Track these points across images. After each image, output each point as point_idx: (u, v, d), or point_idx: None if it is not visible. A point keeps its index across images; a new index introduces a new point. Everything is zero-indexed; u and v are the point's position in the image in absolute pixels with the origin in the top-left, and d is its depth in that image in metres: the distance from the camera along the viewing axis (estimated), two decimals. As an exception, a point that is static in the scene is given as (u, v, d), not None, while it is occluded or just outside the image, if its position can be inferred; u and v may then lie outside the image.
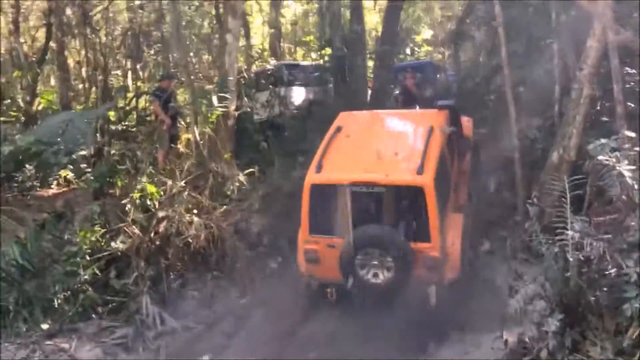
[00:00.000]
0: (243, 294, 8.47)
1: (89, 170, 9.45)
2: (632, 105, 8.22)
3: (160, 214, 8.50)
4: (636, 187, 4.79)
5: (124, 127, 13.48)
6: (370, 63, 16.89)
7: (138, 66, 15.42)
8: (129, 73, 15.79)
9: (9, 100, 13.98)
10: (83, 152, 9.99)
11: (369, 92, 15.30)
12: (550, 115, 9.26)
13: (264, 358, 7.01)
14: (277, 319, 7.95)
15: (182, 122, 10.97)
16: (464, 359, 6.44)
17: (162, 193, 8.92)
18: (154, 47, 15.31)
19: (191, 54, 12.05)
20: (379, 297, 6.95)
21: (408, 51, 20.28)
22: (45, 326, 6.81)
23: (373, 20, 23.05)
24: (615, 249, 4.83)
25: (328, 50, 14.27)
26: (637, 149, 5.47)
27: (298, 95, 14.27)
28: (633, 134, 6.03)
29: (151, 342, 7.15)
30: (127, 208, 8.54)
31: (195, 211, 8.83)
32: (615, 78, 6.65)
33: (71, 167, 9.32)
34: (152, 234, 8.36)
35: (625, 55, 8.03)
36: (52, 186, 9.57)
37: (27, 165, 8.62)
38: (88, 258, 7.62)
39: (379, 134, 8.11)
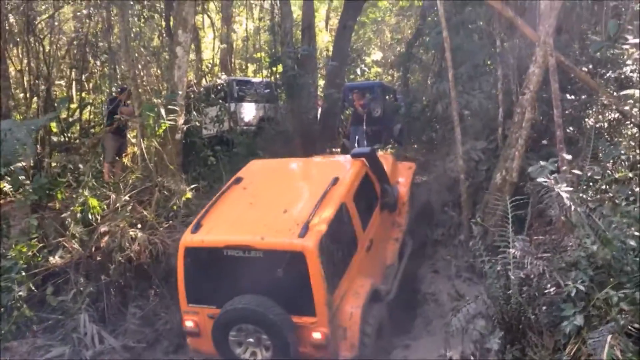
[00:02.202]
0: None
1: (28, 182, 9.09)
2: (571, 128, 8.60)
3: (102, 228, 8.26)
4: (573, 208, 4.96)
5: (67, 139, 13.06)
6: (322, 82, 17.02)
7: (83, 77, 14.99)
8: (74, 83, 15.32)
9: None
10: (22, 164, 9.61)
11: (319, 110, 15.42)
12: (494, 137, 9.51)
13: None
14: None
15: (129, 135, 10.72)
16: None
17: (104, 207, 8.67)
18: (100, 58, 14.94)
19: (139, 66, 11.82)
20: None
21: (358, 71, 20.55)
22: (-25, 345, 6.46)
23: (324, 39, 23.32)
24: (554, 268, 4.99)
25: (279, 68, 14.28)
26: (574, 171, 5.70)
27: (248, 111, 14.22)
28: (569, 157, 6.28)
29: (88, 362, 6.89)
30: (66, 222, 8.26)
31: (139, 226, 8.60)
32: (555, 103, 6.92)
33: (8, 178, 8.92)
34: (92, 249, 8.10)
35: (565, 81, 8.39)
36: (-13, 198, 9.15)
37: (-40, 176, 8.21)
38: (23, 273, 7.27)
39: (277, 188, 7.39)
